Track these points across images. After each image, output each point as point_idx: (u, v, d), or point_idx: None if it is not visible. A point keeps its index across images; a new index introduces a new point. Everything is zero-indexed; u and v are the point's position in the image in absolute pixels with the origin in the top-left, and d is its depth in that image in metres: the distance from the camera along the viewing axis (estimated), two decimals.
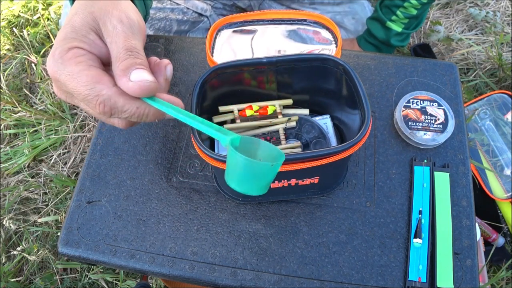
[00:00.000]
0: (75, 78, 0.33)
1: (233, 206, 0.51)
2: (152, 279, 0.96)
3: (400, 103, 0.54)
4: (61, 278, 1.00)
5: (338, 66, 0.44)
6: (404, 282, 0.46)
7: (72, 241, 0.50)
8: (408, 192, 0.51)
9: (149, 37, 0.64)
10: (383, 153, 0.53)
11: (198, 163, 0.53)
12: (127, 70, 0.33)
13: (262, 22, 0.51)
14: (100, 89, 0.33)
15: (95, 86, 0.33)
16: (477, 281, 0.46)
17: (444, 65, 0.59)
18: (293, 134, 0.51)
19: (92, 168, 0.54)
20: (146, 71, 0.34)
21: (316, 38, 0.51)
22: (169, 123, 0.56)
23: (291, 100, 0.51)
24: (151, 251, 0.48)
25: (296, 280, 0.46)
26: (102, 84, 0.33)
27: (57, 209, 1.09)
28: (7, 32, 1.38)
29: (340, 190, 0.51)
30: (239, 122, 0.50)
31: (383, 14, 0.90)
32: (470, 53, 1.24)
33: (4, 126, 1.22)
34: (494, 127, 1.00)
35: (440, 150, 0.53)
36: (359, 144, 0.39)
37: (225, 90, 0.48)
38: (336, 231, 0.49)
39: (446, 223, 0.48)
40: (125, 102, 0.34)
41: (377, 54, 0.61)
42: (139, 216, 0.51)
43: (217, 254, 0.48)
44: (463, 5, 1.34)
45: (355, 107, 0.44)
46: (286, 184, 0.45)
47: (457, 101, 0.56)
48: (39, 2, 1.45)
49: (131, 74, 0.33)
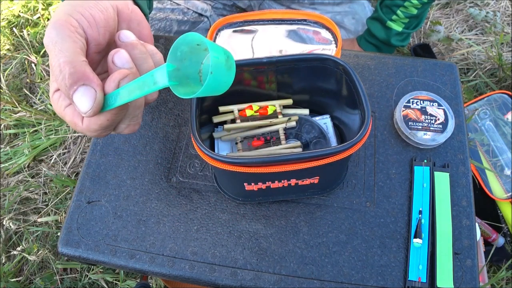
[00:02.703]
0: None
1: (233, 206, 0.51)
2: (152, 279, 0.96)
3: (400, 103, 0.54)
4: (61, 278, 1.00)
5: (338, 66, 0.44)
6: (404, 282, 0.46)
7: (72, 241, 0.50)
8: (408, 192, 0.51)
9: None
10: (383, 153, 0.53)
11: (198, 163, 0.53)
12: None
13: (262, 22, 0.51)
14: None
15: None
16: (477, 281, 0.46)
17: (444, 65, 0.59)
18: (293, 134, 0.51)
19: (92, 168, 0.54)
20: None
21: (316, 38, 0.51)
22: (169, 123, 0.56)
23: (291, 100, 0.51)
24: (151, 251, 0.48)
25: (296, 280, 0.46)
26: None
27: (57, 209, 1.09)
28: (7, 32, 1.38)
29: (340, 190, 0.51)
30: (239, 122, 0.50)
31: (383, 13, 0.90)
32: (470, 53, 1.24)
33: (4, 126, 1.22)
34: (494, 127, 1.00)
35: (440, 150, 0.53)
36: (359, 144, 0.39)
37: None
38: (336, 231, 0.49)
39: (446, 223, 0.48)
40: None
41: (377, 54, 0.61)
42: (139, 216, 0.51)
43: (217, 254, 0.48)
44: (463, 5, 1.34)
45: (355, 107, 0.44)
46: (286, 184, 0.45)
47: (457, 101, 0.56)
48: (39, 2, 1.45)
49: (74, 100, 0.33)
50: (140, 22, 0.41)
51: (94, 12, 0.36)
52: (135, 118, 0.37)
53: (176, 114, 0.57)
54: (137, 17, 0.41)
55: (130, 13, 0.40)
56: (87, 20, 0.35)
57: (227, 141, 0.52)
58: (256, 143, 0.50)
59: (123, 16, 0.40)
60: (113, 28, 0.38)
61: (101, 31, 0.36)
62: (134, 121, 0.37)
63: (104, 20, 0.36)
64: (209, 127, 0.51)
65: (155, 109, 0.57)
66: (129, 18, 0.40)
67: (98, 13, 0.36)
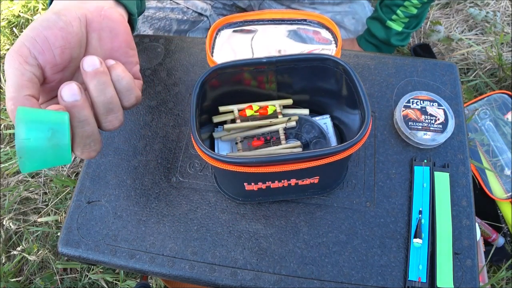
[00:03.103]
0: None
1: (233, 206, 0.51)
2: (152, 279, 0.96)
3: (400, 103, 0.54)
4: (61, 278, 1.00)
5: (338, 66, 0.44)
6: (404, 282, 0.46)
7: (72, 241, 0.50)
8: (408, 192, 0.51)
9: (149, 37, 0.64)
10: (383, 153, 0.53)
11: (198, 163, 0.53)
12: None
13: (262, 22, 0.51)
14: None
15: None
16: (477, 281, 0.46)
17: (444, 65, 0.59)
18: (293, 134, 0.51)
19: (92, 168, 0.54)
20: None
21: (316, 38, 0.51)
22: (169, 123, 0.56)
23: (291, 100, 0.51)
24: (151, 251, 0.48)
25: (296, 280, 0.46)
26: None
27: (57, 209, 1.09)
28: (7, 32, 1.38)
29: (340, 190, 0.51)
30: (239, 122, 0.50)
31: (383, 13, 0.90)
32: (470, 53, 1.24)
33: (4, 126, 1.22)
34: (494, 127, 1.00)
35: (440, 150, 0.53)
36: (359, 144, 0.39)
37: (225, 90, 0.48)
38: (336, 231, 0.49)
39: (446, 223, 0.48)
40: None
41: (377, 54, 0.61)
42: (139, 216, 0.51)
43: (217, 254, 0.48)
44: (463, 5, 1.34)
45: (355, 107, 0.44)
46: (286, 184, 0.45)
47: (457, 101, 0.56)
48: (39, 2, 1.45)
49: None
50: (114, 28, 0.40)
51: (50, 34, 0.36)
52: (88, 147, 0.37)
53: (176, 114, 0.57)
54: (110, 24, 0.40)
55: (102, 21, 0.40)
56: (40, 45, 0.35)
57: (227, 141, 0.52)
58: (256, 143, 0.50)
59: (93, 26, 0.39)
60: (76, 43, 0.38)
61: (57, 52, 0.36)
62: (88, 148, 0.37)
63: (61, 38, 0.36)
64: (209, 127, 0.51)
65: (155, 109, 0.57)
66: (100, 27, 0.40)
67: (55, 33, 0.36)
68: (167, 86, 0.59)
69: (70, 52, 0.38)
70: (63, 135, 0.30)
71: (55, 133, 0.29)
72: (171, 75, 0.60)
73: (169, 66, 0.61)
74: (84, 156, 0.38)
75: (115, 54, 0.41)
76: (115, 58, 0.41)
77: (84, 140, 0.36)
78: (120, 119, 0.39)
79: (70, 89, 0.34)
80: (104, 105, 0.37)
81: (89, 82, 0.36)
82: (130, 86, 0.38)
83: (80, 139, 0.36)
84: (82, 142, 0.36)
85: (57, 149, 0.30)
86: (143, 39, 0.63)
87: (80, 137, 0.36)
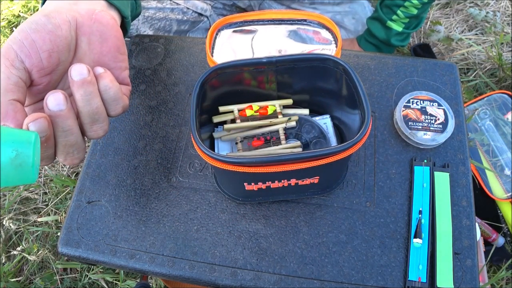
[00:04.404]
0: None
1: (233, 206, 0.51)
2: (152, 279, 0.96)
3: (400, 103, 0.54)
4: (61, 278, 1.00)
5: (338, 66, 0.44)
6: (404, 282, 0.46)
7: (72, 241, 0.50)
8: (408, 192, 0.51)
9: (149, 37, 0.64)
10: (383, 153, 0.53)
11: (198, 163, 0.53)
12: None
13: (262, 22, 0.51)
14: None
15: None
16: (477, 281, 0.46)
17: (444, 65, 0.59)
18: (293, 134, 0.51)
19: (92, 168, 0.54)
20: None
21: (316, 38, 0.51)
22: (169, 123, 0.56)
23: (291, 100, 0.51)
24: (151, 251, 0.48)
25: (296, 280, 0.46)
26: None
27: (57, 209, 1.09)
28: (7, 32, 1.38)
29: (340, 190, 0.51)
30: (239, 122, 0.50)
31: (383, 13, 0.90)
32: (470, 53, 1.24)
33: None
34: (494, 127, 1.00)
35: (440, 150, 0.53)
36: (359, 144, 0.39)
37: (225, 90, 0.48)
38: (336, 231, 0.49)
39: (446, 223, 0.48)
40: None
41: (377, 54, 0.61)
42: (139, 216, 0.51)
43: (217, 254, 0.48)
44: (463, 5, 1.34)
45: (355, 107, 0.44)
46: (286, 184, 0.45)
47: (457, 101, 0.56)
48: (39, 2, 1.45)
49: None
50: (104, 33, 0.40)
51: (37, 37, 0.35)
52: (71, 155, 0.37)
53: (176, 114, 0.57)
54: (100, 28, 0.40)
55: (92, 24, 0.39)
56: (27, 48, 0.35)
57: (227, 141, 0.52)
58: (256, 143, 0.50)
59: (82, 30, 0.39)
60: (65, 46, 0.37)
61: (44, 56, 0.36)
62: (71, 156, 0.37)
63: (49, 42, 0.36)
64: (209, 127, 0.51)
65: (155, 109, 0.58)
66: (90, 31, 0.39)
67: (43, 36, 0.36)
68: (167, 86, 0.59)
69: (58, 56, 0.37)
70: (27, 157, 0.29)
71: (20, 155, 0.29)
72: (171, 75, 0.60)
73: (169, 66, 0.61)
74: (67, 163, 0.37)
75: (104, 58, 0.41)
76: (104, 63, 0.40)
77: (67, 148, 0.36)
78: (104, 129, 0.39)
79: (55, 99, 0.33)
80: (90, 115, 0.37)
81: (76, 91, 0.35)
82: (117, 96, 0.38)
83: (63, 148, 0.36)
84: (65, 151, 0.36)
85: (19, 170, 0.30)
86: (143, 39, 0.63)
87: (63, 146, 0.35)
